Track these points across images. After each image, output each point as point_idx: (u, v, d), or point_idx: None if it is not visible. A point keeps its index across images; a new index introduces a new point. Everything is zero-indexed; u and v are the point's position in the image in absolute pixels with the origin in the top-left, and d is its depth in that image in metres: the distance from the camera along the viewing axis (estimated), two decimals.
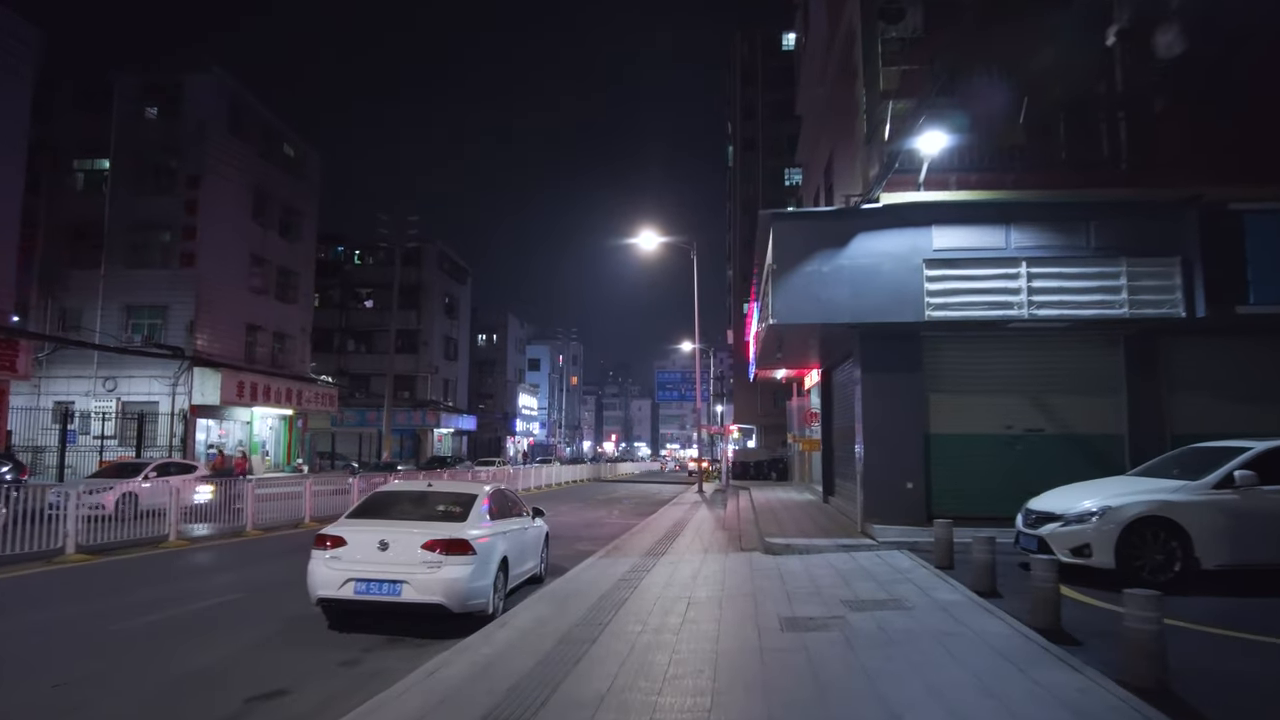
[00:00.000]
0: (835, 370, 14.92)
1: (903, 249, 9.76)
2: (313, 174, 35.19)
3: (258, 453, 30.82)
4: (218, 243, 27.55)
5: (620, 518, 18.57)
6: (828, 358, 13.97)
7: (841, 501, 14.02)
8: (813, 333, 10.71)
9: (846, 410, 13.65)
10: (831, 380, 15.33)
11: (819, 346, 12.21)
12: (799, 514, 13.82)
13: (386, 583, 6.59)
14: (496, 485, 8.75)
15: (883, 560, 8.72)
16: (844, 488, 14.05)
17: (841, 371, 14.00)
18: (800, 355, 13.21)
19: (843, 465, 14.21)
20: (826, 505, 15.23)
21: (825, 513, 13.91)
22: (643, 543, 11.87)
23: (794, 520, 12.88)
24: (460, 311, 52.82)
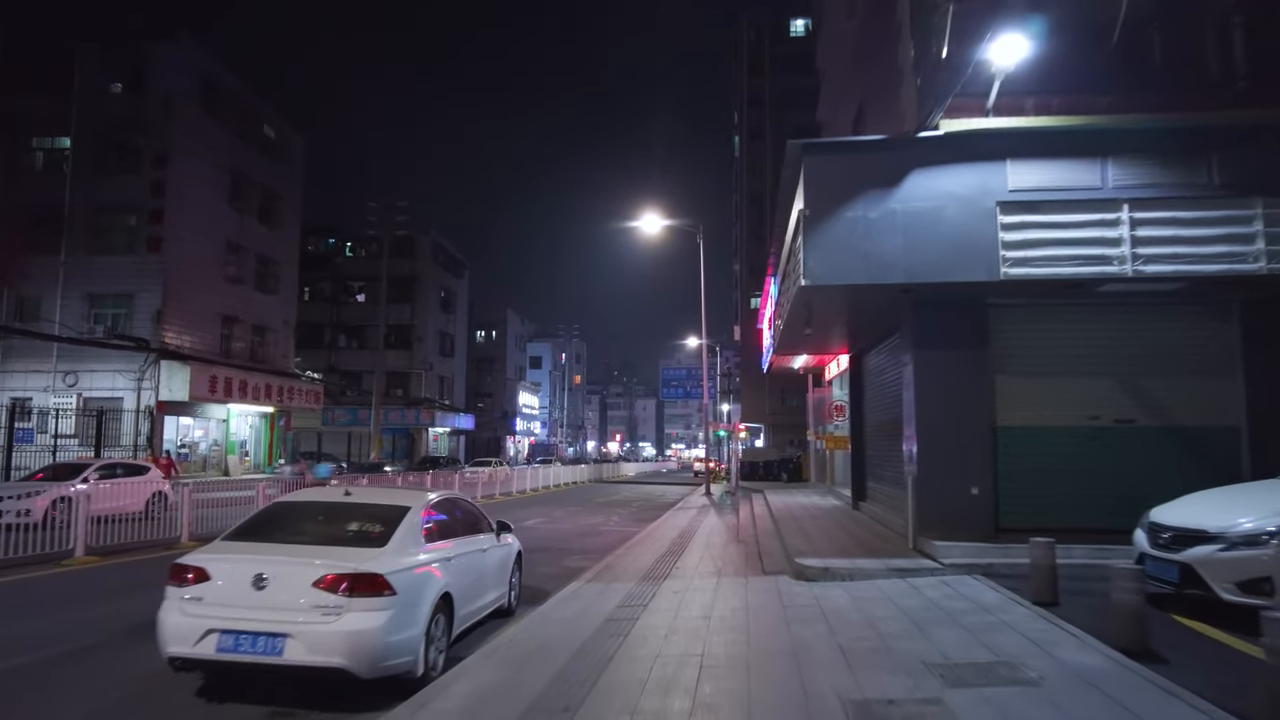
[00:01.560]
0: (868, 354, 12.80)
1: (970, 189, 7.66)
2: (296, 157, 33.26)
3: (235, 453, 28.89)
4: (188, 227, 25.61)
5: (619, 524, 16.53)
6: (860, 337, 11.84)
7: (877, 508, 11.90)
8: (853, 299, 8.59)
9: (883, 400, 11.53)
10: (862, 366, 13.21)
11: (853, 321, 10.07)
12: (828, 524, 11.70)
13: (264, 636, 4.54)
14: (447, 494, 6.69)
15: (956, 591, 6.61)
16: (879, 492, 11.94)
17: (877, 354, 11.88)
18: (828, 334, 11.06)
19: (878, 465, 12.09)
20: (857, 513, 13.10)
21: (858, 522, 11.78)
22: (642, 560, 9.79)
23: (824, 532, 10.76)
24: (457, 306, 50.84)
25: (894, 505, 10.61)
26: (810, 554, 8.47)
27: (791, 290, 9.19)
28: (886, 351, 11.06)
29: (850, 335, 11.69)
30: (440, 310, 47.97)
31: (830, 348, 13.80)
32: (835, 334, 11.01)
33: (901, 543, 9.07)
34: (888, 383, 11.14)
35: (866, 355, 12.96)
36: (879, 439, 11.90)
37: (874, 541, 9.44)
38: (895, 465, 10.59)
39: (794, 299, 8.71)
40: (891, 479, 10.81)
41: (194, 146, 25.97)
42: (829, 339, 12.05)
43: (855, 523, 11.67)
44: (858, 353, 13.39)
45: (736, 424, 27.80)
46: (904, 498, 9.44)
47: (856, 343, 12.65)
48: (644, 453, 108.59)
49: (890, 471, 10.97)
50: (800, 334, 10.61)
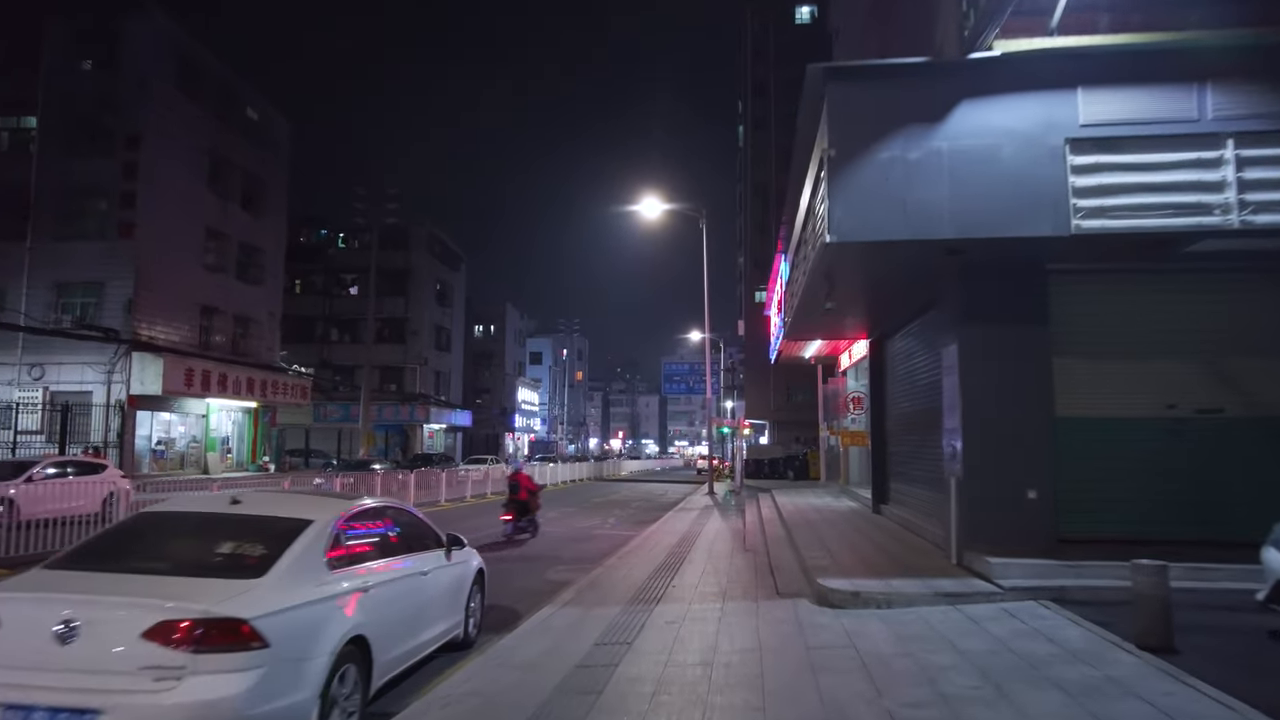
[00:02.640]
0: (891, 339, 11.35)
1: (1033, 123, 6.20)
2: (281, 142, 31.88)
3: (215, 450, 27.58)
4: (163, 212, 24.24)
5: (615, 528, 15.13)
6: (885, 318, 10.38)
7: (904, 513, 10.46)
8: (885, 262, 7.10)
9: (912, 390, 10.10)
10: (885, 353, 11.77)
11: (882, 292, 8.55)
12: (847, 531, 10.25)
13: (64, 715, 3.15)
14: (375, 502, 5.28)
15: (1027, 625, 5.18)
16: (907, 495, 10.50)
17: (903, 338, 10.45)
18: (850, 310, 9.54)
19: (904, 464, 10.66)
20: (879, 517, 11.65)
21: (882, 529, 10.34)
22: (634, 574, 8.38)
23: (844, 541, 9.32)
24: (453, 299, 49.46)
25: (926, 510, 9.17)
26: (833, 571, 7.03)
27: (810, 258, 7.75)
28: (916, 333, 9.62)
29: (873, 315, 10.24)
30: (436, 303, 46.59)
31: (846, 332, 12.35)
32: (857, 311, 9.54)
33: (940, 557, 7.63)
34: (918, 369, 9.70)
35: (890, 340, 11.51)
36: (906, 434, 10.46)
37: (907, 555, 8.00)
38: (927, 464, 9.15)
39: (813, 266, 7.27)
40: (923, 479, 9.37)
41: (169, 128, 24.60)
42: (848, 319, 10.61)
43: (879, 530, 10.22)
44: (879, 338, 11.94)
45: (741, 420, 26.34)
46: (941, 502, 8.01)
47: (879, 325, 11.20)
48: (647, 450, 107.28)
49: (921, 471, 9.53)
50: (817, 312, 9.15)
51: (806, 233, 8.35)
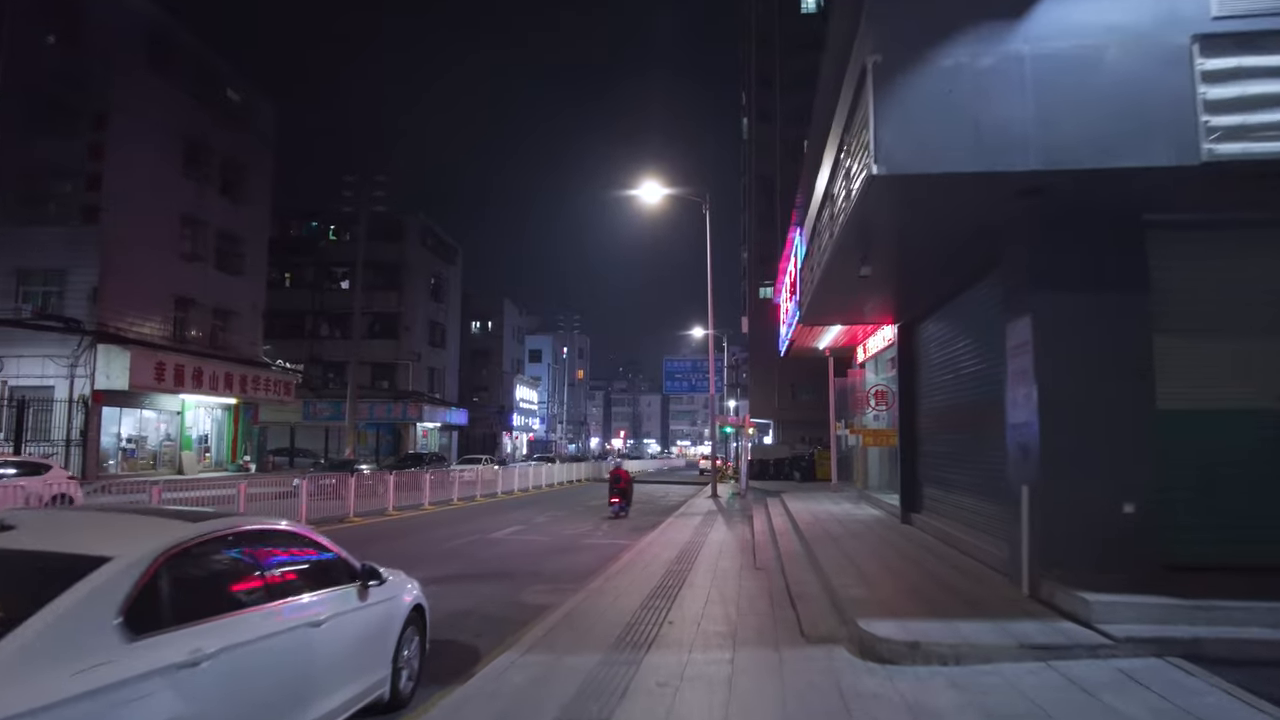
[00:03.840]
0: (924, 322, 9.82)
1: (1146, 17, 4.68)
2: (265, 126, 30.42)
3: (191, 449, 26.12)
4: (132, 197, 22.78)
5: (607, 536, 13.63)
6: (924, 291, 8.79)
7: (943, 525, 8.92)
8: (945, 202, 5.43)
9: (954, 379, 8.57)
10: (916, 338, 10.22)
11: (931, 252, 6.76)
12: (878, 546, 8.70)
13: None
14: (261, 522, 3.79)
15: (1175, 706, 3.65)
16: (945, 503, 8.96)
17: (940, 320, 8.92)
18: (885, 279, 7.84)
19: (943, 466, 9.12)
20: (909, 529, 10.10)
21: (918, 544, 8.79)
22: (623, 600, 6.87)
23: (878, 560, 7.79)
24: (448, 294, 47.94)
25: (975, 522, 7.64)
26: (874, 606, 5.50)
27: (840, 216, 6.22)
28: (961, 311, 8.09)
29: (908, 289, 8.64)
30: (430, 298, 45.12)
31: (870, 315, 10.80)
32: (893, 280, 7.86)
33: (1005, 585, 6.09)
34: (962, 355, 8.17)
35: (922, 324, 9.97)
36: (945, 432, 8.93)
37: (961, 581, 6.45)
38: (977, 467, 7.62)
39: (848, 220, 5.75)
40: (970, 486, 7.84)
41: (139, 107, 23.15)
42: (872, 301, 9.06)
43: (915, 545, 8.68)
44: (909, 322, 10.40)
45: (746, 418, 24.83)
46: (998, 514, 6.50)
47: (911, 306, 9.66)
48: (649, 450, 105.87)
49: (967, 476, 8.00)
50: (848, 281, 7.57)
51: (835, 187, 6.81)
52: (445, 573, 9.51)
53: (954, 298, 8.05)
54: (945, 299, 8.35)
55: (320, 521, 14.76)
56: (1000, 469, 6.81)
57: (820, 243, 8.06)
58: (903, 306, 9.72)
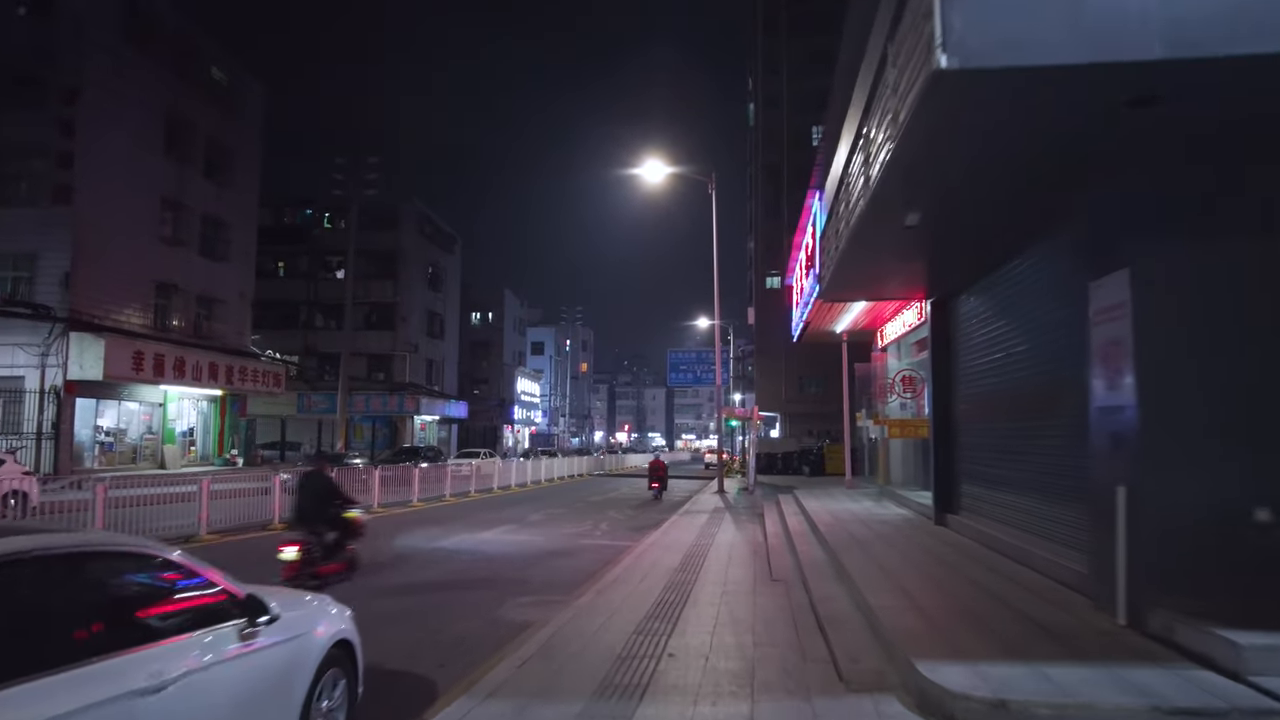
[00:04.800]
0: (963, 296, 8.59)
1: None
2: (252, 107, 29.22)
3: (174, 442, 25.07)
4: (108, 177, 21.64)
5: (605, 536, 12.48)
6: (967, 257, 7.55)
7: (985, 526, 7.71)
8: (1029, 113, 4.13)
9: (1001, 359, 7.36)
10: (952, 315, 8.99)
11: (993, 191, 5.38)
12: (916, 554, 7.49)
13: None
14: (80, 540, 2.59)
15: None
16: (991, 502, 7.75)
17: (983, 292, 7.69)
18: (932, 233, 6.41)
19: (986, 460, 7.90)
20: (946, 531, 8.89)
21: (963, 552, 7.58)
22: (615, 622, 5.70)
23: (920, 572, 6.58)
24: (447, 284, 46.78)
25: (1033, 527, 6.44)
26: (930, 639, 4.30)
27: (885, 148, 4.99)
28: (1013, 278, 6.85)
29: (951, 251, 7.32)
30: (428, 288, 43.98)
31: (897, 288, 9.54)
32: (940, 235, 6.47)
33: (1085, 608, 4.89)
34: (1014, 330, 6.95)
35: (961, 298, 8.74)
36: (991, 420, 7.71)
37: (1028, 601, 5.23)
38: (1034, 461, 6.41)
39: (896, 148, 4.52)
40: (1026, 484, 6.63)
41: (116, 83, 21.98)
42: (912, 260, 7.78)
43: (956, 551, 7.47)
44: (944, 297, 9.16)
45: (754, 409, 23.63)
46: (1068, 520, 5.30)
47: (948, 276, 8.42)
48: (653, 443, 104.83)
49: (1021, 472, 6.79)
50: (883, 238, 6.25)
51: (872, 124, 5.58)
52: (418, 580, 8.37)
53: (1008, 260, 6.81)
54: (996, 263, 7.11)
55: None
56: (1072, 464, 5.61)
57: (849, 199, 6.84)
58: (938, 276, 8.48)
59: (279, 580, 7.02)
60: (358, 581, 8.10)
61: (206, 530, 11.63)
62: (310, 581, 7.12)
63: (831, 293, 9.12)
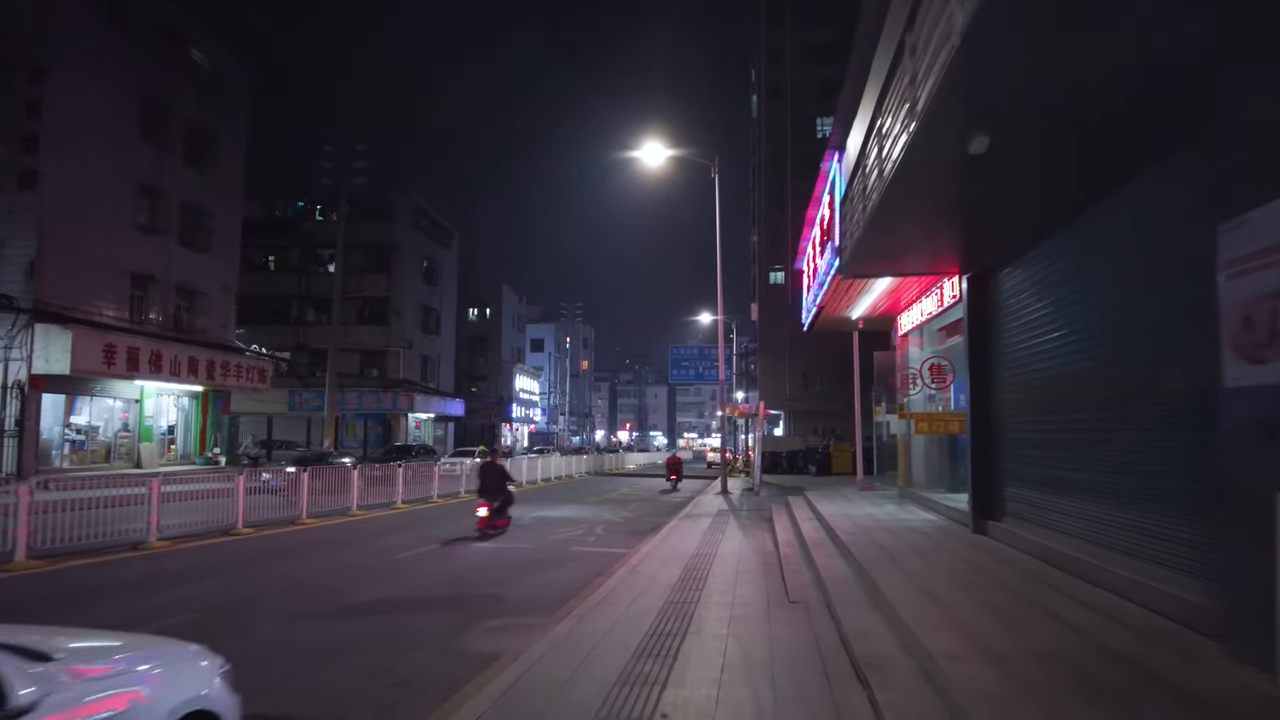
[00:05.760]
0: (1006, 269, 7.38)
1: None
2: (237, 93, 28.03)
3: (152, 439, 23.93)
4: (78, 161, 20.49)
5: (601, 541, 11.33)
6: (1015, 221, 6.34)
7: (1039, 537, 6.51)
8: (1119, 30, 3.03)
9: (1060, 340, 6.15)
10: (993, 292, 7.78)
11: (1079, 104, 4.22)
12: (963, 572, 6.28)
13: None
14: None
15: None
16: (1047, 508, 6.55)
17: (1036, 261, 6.48)
18: (1007, 157, 5.10)
19: (1039, 459, 6.70)
20: (989, 542, 7.67)
21: (1013, 566, 6.37)
22: (600, 662, 4.51)
23: (974, 597, 5.39)
24: (443, 279, 45.62)
25: (1114, 542, 5.24)
26: (1021, 704, 3.11)
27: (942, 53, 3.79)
28: (1087, 234, 5.65)
29: (998, 209, 6.11)
30: (423, 282, 42.82)
31: (928, 261, 8.32)
32: (1014, 167, 5.10)
33: (1218, 656, 3.69)
34: (1084, 299, 5.74)
35: (1006, 270, 7.53)
36: (1049, 411, 6.50)
37: (1131, 642, 4.04)
38: (1115, 459, 5.21)
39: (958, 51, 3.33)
40: (1107, 488, 5.43)
41: (87, 62, 20.83)
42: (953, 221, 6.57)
43: (1009, 568, 6.26)
44: (983, 271, 7.95)
45: (760, 405, 22.42)
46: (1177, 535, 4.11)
47: (990, 247, 7.21)
48: (655, 442, 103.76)
49: (1095, 473, 5.58)
50: (935, 179, 5.01)
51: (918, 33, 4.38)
52: (376, 598, 7.21)
53: (1082, 211, 5.57)
54: (1064, 215, 5.87)
55: (263, 524, 12.55)
56: (1180, 462, 4.41)
57: (885, 141, 5.65)
58: (981, 244, 7.26)
59: (475, 530, 10.91)
60: (307, 601, 6.94)
61: (157, 536, 10.50)
62: (491, 531, 10.94)
63: (854, 266, 7.91)
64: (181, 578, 8.42)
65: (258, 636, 5.85)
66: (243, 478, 12.47)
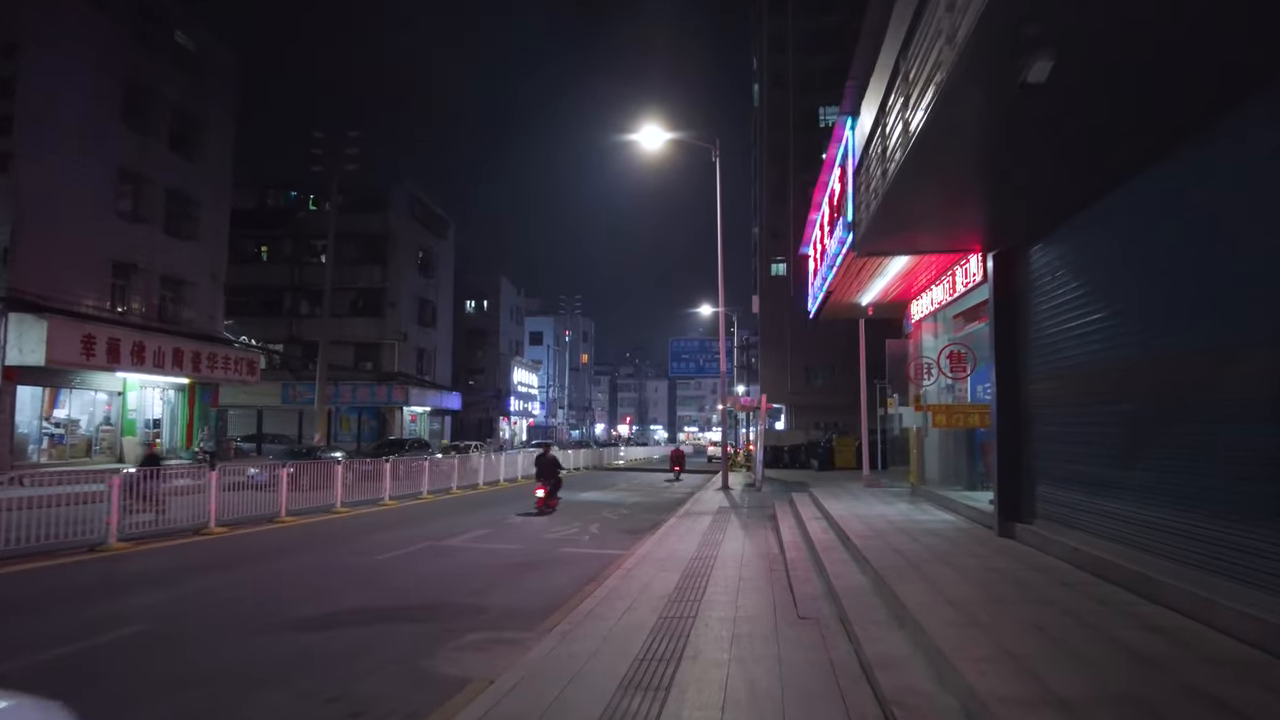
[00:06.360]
0: (1041, 244, 6.66)
1: None
2: (224, 77, 27.21)
3: (135, 433, 23.25)
4: (55, 144, 19.73)
5: (595, 540, 10.65)
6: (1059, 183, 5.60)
7: (1077, 542, 5.80)
8: None
9: (1100, 320, 5.44)
10: (1021, 270, 7.05)
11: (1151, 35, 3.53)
12: (995, 583, 5.57)
13: None
14: None
15: None
16: (1087, 510, 5.84)
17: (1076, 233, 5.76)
18: (1074, 87, 4.35)
19: (1075, 454, 5.99)
20: (1015, 546, 6.97)
21: (1051, 575, 5.66)
22: (579, 697, 3.80)
23: (1013, 614, 4.67)
24: (439, 270, 44.84)
25: (1180, 552, 4.54)
26: None
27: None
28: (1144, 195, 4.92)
29: (1043, 165, 5.37)
30: (418, 273, 42.04)
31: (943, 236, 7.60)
32: (1072, 106, 4.39)
33: None
34: (1136, 274, 5.01)
35: (1035, 247, 6.80)
36: (1092, 401, 5.77)
37: (1212, 678, 3.34)
38: (1181, 457, 4.50)
39: None
40: (1171, 490, 4.72)
41: (65, 40, 20.06)
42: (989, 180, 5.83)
43: (1046, 577, 5.55)
44: (1011, 248, 7.22)
45: (763, 399, 21.71)
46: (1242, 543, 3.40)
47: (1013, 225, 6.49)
48: (655, 436, 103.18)
49: (1151, 472, 4.87)
50: (997, 96, 4.25)
51: None
52: (344, 607, 6.52)
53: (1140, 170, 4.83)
54: (1109, 182, 5.15)
55: (238, 522, 11.89)
56: (1255, 460, 3.70)
57: (909, 94, 4.92)
58: (998, 226, 6.53)
59: (535, 508, 13.80)
60: (269, 610, 6.24)
61: (118, 537, 9.81)
62: (547, 510, 13.64)
63: (869, 242, 7.17)
64: (136, 584, 7.75)
65: (206, 653, 5.19)
66: (215, 473, 11.78)
